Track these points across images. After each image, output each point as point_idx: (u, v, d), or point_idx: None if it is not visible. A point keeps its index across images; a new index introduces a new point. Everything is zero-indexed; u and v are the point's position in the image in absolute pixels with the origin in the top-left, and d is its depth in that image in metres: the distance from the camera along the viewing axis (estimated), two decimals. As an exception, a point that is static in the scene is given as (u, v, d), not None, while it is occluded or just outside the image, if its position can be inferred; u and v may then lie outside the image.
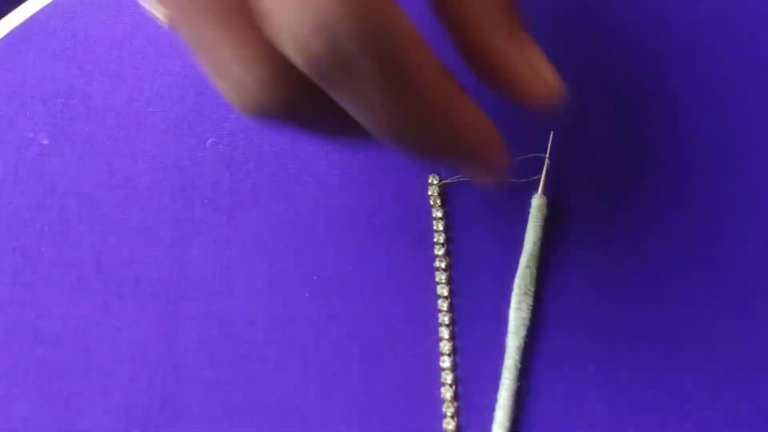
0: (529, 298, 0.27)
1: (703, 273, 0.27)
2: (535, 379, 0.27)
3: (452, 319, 0.27)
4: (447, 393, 0.27)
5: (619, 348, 0.27)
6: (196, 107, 0.30)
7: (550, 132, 0.28)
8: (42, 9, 0.31)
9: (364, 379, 0.27)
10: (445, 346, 0.27)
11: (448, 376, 0.27)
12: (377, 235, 0.28)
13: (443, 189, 0.29)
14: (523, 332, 0.27)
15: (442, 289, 0.28)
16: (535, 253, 0.27)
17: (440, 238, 0.28)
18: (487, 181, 0.26)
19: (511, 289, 0.27)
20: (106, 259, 0.29)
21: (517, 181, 0.28)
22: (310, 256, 0.28)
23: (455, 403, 0.27)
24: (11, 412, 0.28)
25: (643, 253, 0.27)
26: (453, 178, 0.28)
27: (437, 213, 0.28)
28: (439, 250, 0.28)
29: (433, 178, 0.28)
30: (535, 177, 0.28)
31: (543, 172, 0.27)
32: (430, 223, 0.28)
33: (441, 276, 0.28)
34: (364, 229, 0.28)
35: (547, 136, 0.28)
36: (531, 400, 0.27)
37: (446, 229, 0.28)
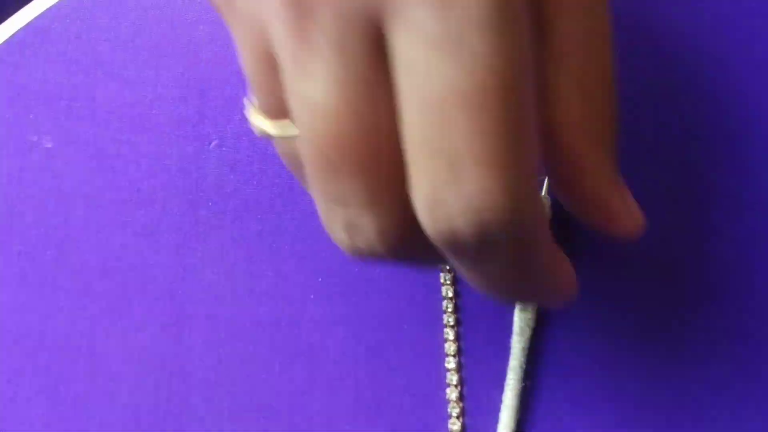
0: (534, 299, 0.27)
1: (705, 273, 0.27)
2: (540, 380, 0.27)
3: (457, 320, 0.27)
4: (452, 394, 0.27)
5: (625, 349, 0.27)
6: (200, 109, 0.30)
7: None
8: (45, 11, 0.31)
9: (370, 381, 0.27)
10: (450, 347, 0.27)
11: (453, 377, 0.27)
12: (382, 236, 0.28)
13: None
14: (528, 333, 0.27)
15: (447, 290, 0.28)
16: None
17: (445, 239, 0.28)
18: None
19: (516, 290, 0.27)
20: (111, 262, 0.29)
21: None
22: (315, 258, 0.28)
23: (460, 404, 0.27)
24: (18, 416, 0.28)
25: (646, 255, 0.27)
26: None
27: (441, 214, 0.28)
28: (444, 251, 0.28)
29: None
30: (539, 177, 0.27)
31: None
32: (435, 224, 0.28)
33: (446, 277, 0.28)
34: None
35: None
36: (536, 400, 0.27)
37: (451, 230, 0.28)
